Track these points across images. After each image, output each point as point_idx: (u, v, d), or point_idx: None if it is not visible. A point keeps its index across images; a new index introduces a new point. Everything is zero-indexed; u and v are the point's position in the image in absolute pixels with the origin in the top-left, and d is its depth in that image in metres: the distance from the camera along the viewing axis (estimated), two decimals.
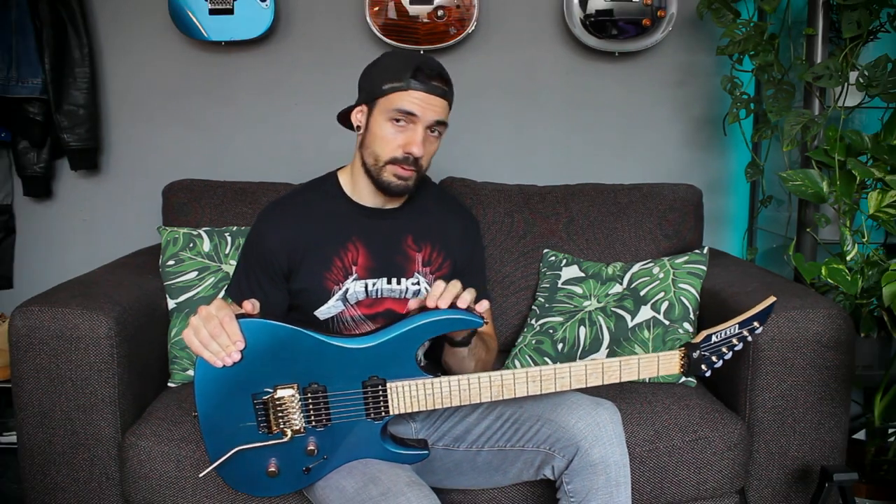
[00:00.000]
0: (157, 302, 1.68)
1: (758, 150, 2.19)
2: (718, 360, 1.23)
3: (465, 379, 1.19)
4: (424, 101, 1.28)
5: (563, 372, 1.19)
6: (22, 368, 1.39)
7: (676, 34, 2.21)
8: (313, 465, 1.23)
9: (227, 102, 2.26)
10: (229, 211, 1.91)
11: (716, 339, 1.21)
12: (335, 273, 1.36)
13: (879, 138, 1.73)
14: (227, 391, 1.16)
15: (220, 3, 2.07)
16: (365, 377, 1.18)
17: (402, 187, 1.33)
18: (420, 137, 1.29)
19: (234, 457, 1.19)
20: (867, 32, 1.79)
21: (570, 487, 1.23)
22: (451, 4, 2.08)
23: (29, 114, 2.12)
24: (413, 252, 1.41)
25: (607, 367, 1.20)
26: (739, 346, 1.23)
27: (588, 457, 1.20)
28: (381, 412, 1.20)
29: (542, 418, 1.25)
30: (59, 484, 1.44)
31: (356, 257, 1.37)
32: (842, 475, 1.41)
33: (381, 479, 1.17)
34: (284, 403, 1.17)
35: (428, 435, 1.38)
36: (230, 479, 1.23)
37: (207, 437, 1.19)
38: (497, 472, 1.32)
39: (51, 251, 2.32)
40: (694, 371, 1.21)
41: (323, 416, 1.19)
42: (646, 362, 1.20)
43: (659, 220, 1.94)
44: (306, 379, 1.18)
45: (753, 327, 1.22)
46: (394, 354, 1.18)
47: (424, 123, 1.29)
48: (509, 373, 1.19)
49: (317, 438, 1.20)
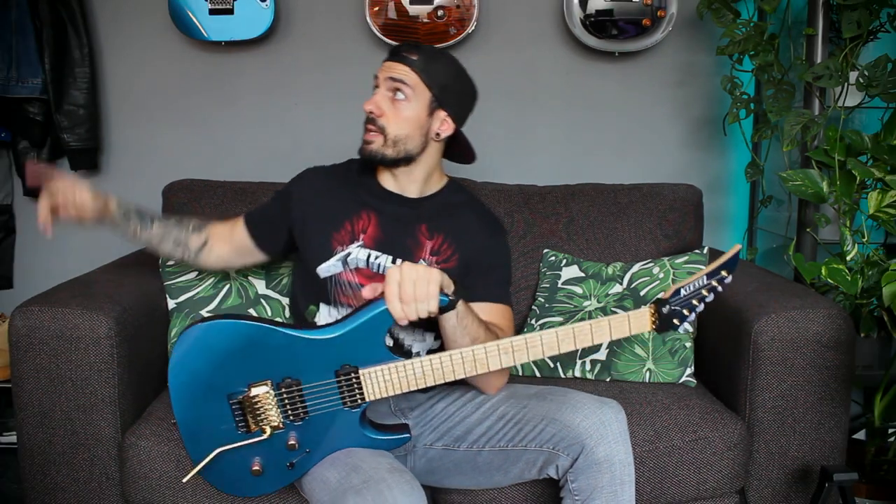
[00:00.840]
0: (157, 302, 1.68)
1: (758, 150, 2.19)
2: (691, 314, 1.22)
3: (436, 358, 1.19)
4: (387, 67, 1.39)
5: (535, 341, 1.18)
6: (22, 368, 1.40)
7: (676, 34, 2.21)
8: (297, 459, 1.23)
9: (227, 102, 2.26)
10: (229, 211, 1.91)
11: (685, 292, 1.21)
12: (342, 234, 1.42)
13: (879, 138, 1.73)
14: (202, 394, 1.17)
15: (220, 3, 2.07)
16: (337, 366, 1.19)
17: (367, 151, 1.40)
18: (376, 97, 1.39)
19: (217, 459, 1.20)
20: (867, 32, 1.79)
21: (575, 486, 1.23)
22: (451, 4, 2.08)
23: (29, 114, 2.12)
24: (424, 239, 1.43)
25: (578, 331, 1.19)
26: (710, 296, 1.22)
27: (593, 455, 1.20)
28: (356, 400, 1.21)
29: (547, 418, 1.25)
30: (59, 484, 1.44)
31: (366, 226, 1.43)
32: (842, 475, 1.41)
33: (362, 468, 1.17)
34: (260, 401, 1.18)
35: (427, 435, 1.38)
36: (217, 482, 1.24)
37: (188, 443, 1.20)
38: (498, 471, 1.32)
39: (51, 251, 2.32)
40: (666, 326, 1.21)
41: (300, 410, 1.20)
42: (617, 322, 1.19)
43: (659, 220, 1.93)
44: (279, 374, 1.18)
45: (722, 276, 1.21)
46: (363, 341, 1.19)
47: (383, 86, 1.39)
48: (481, 347, 1.19)
49: (297, 433, 1.21)
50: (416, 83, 1.37)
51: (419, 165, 1.44)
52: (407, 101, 1.38)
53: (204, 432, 1.19)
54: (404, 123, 1.38)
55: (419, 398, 1.43)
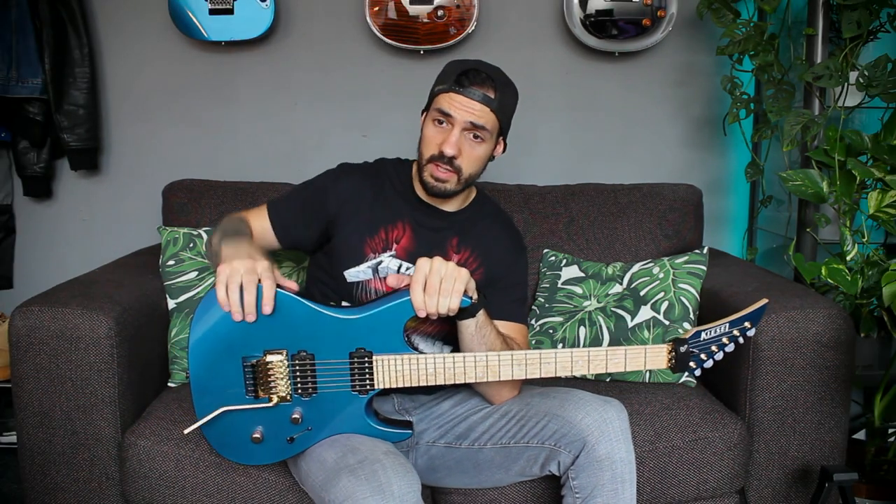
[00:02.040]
0: (157, 302, 1.68)
1: (758, 150, 2.19)
2: (708, 359, 1.22)
3: (450, 358, 1.20)
4: (461, 103, 1.32)
5: (549, 357, 1.19)
6: (22, 368, 1.39)
7: (676, 34, 2.21)
8: (297, 434, 1.24)
9: (227, 102, 2.26)
10: (229, 211, 1.90)
11: (705, 336, 1.21)
12: (376, 242, 1.40)
13: (879, 138, 1.73)
14: (219, 352, 1.19)
15: (220, 3, 2.07)
16: (352, 348, 1.21)
17: (439, 189, 1.36)
18: (454, 138, 1.32)
19: (220, 419, 1.21)
20: (867, 32, 1.79)
21: (576, 483, 1.23)
22: (451, 4, 2.08)
23: (29, 114, 2.12)
24: (452, 252, 1.44)
25: (594, 356, 1.20)
26: (731, 346, 1.22)
27: (594, 452, 1.20)
28: (366, 385, 1.22)
29: (549, 414, 1.26)
30: (59, 484, 1.44)
31: (401, 237, 1.41)
32: (842, 475, 1.41)
33: (360, 449, 1.19)
34: (273, 368, 1.20)
35: (430, 432, 1.38)
36: (215, 441, 1.25)
37: (196, 397, 1.21)
38: (500, 469, 1.32)
39: (51, 251, 2.32)
40: (682, 367, 1.21)
41: (309, 385, 1.22)
42: (633, 354, 1.20)
43: (659, 220, 1.94)
44: (296, 346, 1.20)
45: (744, 328, 1.21)
46: (382, 328, 1.20)
47: (460, 125, 1.32)
48: (494, 354, 1.20)
49: (302, 408, 1.23)
50: (493, 125, 1.36)
51: (471, 188, 1.47)
52: (483, 142, 1.36)
53: (213, 390, 1.20)
54: (478, 162, 1.38)
55: (423, 398, 1.43)
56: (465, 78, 1.33)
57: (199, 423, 1.21)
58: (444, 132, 1.34)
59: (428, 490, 1.42)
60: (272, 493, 1.35)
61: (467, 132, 1.34)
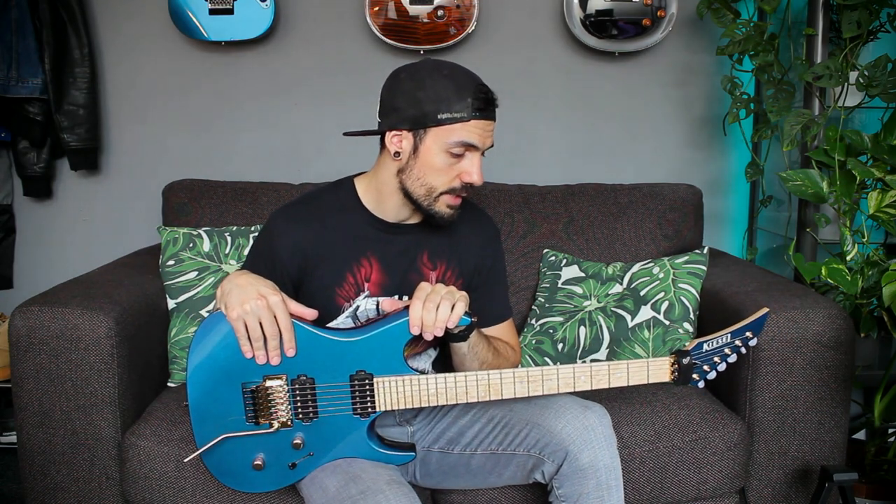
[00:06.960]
0: (157, 302, 1.68)
1: (758, 150, 2.19)
2: (711, 371, 1.22)
3: (451, 377, 1.20)
4: (484, 129, 1.23)
5: (551, 374, 1.19)
6: (22, 368, 1.39)
7: (676, 34, 2.21)
8: (299, 460, 1.23)
9: (226, 102, 2.26)
10: (229, 211, 1.91)
11: (707, 347, 1.20)
12: (346, 289, 1.31)
13: (879, 138, 1.73)
14: (218, 379, 1.18)
15: (220, 3, 2.07)
16: (353, 371, 1.20)
17: (454, 217, 1.29)
18: (479, 166, 1.24)
19: (220, 447, 1.20)
20: (867, 32, 1.80)
21: (561, 492, 1.22)
22: (451, 4, 2.08)
23: (29, 114, 2.12)
24: (427, 270, 1.36)
25: (596, 371, 1.19)
26: (733, 357, 1.22)
27: (577, 461, 1.19)
28: (367, 408, 1.21)
29: (531, 423, 1.25)
30: (59, 484, 1.44)
31: (369, 273, 1.32)
32: (842, 475, 1.41)
33: (362, 478, 1.17)
34: (273, 394, 1.19)
35: (423, 436, 1.38)
36: (216, 469, 1.24)
37: (196, 425, 1.20)
38: (491, 474, 1.32)
39: (51, 251, 2.32)
40: (685, 379, 1.21)
41: (310, 409, 1.20)
42: (635, 368, 1.20)
43: (659, 220, 1.94)
44: (295, 370, 1.19)
45: (746, 338, 1.22)
46: (382, 350, 1.19)
47: (482, 150, 1.25)
48: (496, 373, 1.19)
49: (304, 433, 1.21)
50: None
51: None
52: None
53: (213, 417, 1.19)
54: None
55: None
56: (480, 101, 1.20)
57: (199, 451, 1.20)
58: (462, 161, 1.24)
59: (428, 490, 1.42)
60: (272, 493, 1.35)
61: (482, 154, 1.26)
